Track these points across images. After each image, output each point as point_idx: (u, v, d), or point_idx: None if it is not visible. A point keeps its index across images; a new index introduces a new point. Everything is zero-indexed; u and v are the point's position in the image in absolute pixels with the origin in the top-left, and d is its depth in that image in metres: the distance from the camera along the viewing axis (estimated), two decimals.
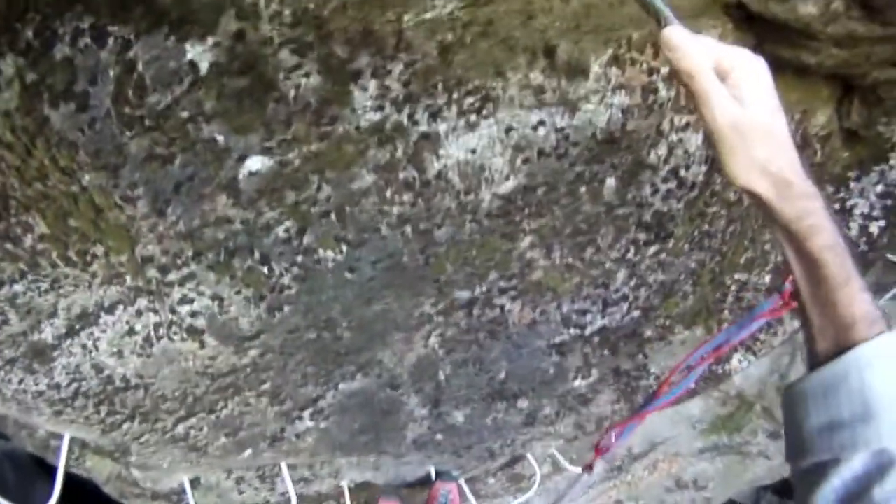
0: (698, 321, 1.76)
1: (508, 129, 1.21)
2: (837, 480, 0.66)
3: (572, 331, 1.58)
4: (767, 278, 1.76)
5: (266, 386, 1.52)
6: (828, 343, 0.70)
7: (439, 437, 1.84)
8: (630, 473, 3.12)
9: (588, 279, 1.46)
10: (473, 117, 1.18)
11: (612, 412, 1.94)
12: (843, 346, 0.68)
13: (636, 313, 1.61)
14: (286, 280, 1.25)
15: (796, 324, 1.90)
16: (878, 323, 0.68)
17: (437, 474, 2.19)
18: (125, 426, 1.62)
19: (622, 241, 1.43)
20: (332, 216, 1.19)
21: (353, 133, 1.12)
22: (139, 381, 1.48)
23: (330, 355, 1.45)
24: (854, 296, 0.68)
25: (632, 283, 1.51)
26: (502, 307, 1.48)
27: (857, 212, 1.73)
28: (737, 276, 1.71)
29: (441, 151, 1.18)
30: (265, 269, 1.24)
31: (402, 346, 1.51)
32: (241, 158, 1.11)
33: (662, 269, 1.52)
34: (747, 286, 1.74)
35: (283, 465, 1.95)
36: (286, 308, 1.30)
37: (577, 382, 1.78)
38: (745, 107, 0.69)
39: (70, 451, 1.68)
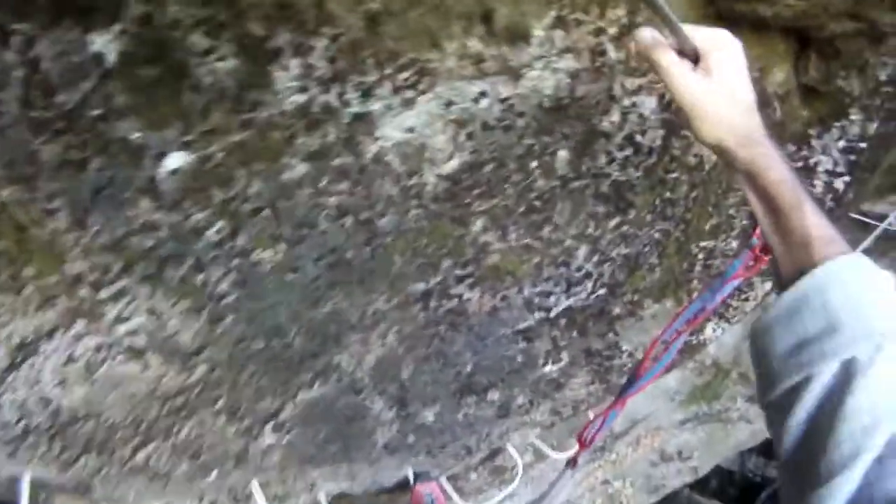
0: (667, 293, 1.69)
1: (448, 104, 1.12)
2: (809, 398, 0.65)
3: (537, 315, 1.49)
4: (734, 244, 1.70)
5: (220, 403, 1.41)
6: (789, 269, 0.73)
7: (411, 438, 1.74)
8: (614, 452, 3.07)
9: (548, 259, 1.38)
10: (409, 93, 1.09)
11: (587, 395, 1.86)
12: (802, 268, 0.71)
13: (602, 291, 1.53)
14: (224, 287, 1.14)
15: (767, 286, 1.85)
16: (835, 242, 0.71)
17: (416, 475, 2.10)
18: (81, 461, 1.50)
19: (580, 216, 1.34)
20: (266, 213, 1.08)
21: (278, 118, 1.01)
22: (87, 411, 1.37)
23: (283, 364, 1.34)
24: (807, 218, 0.73)
25: (594, 260, 1.43)
26: (460, 297, 1.39)
27: (820, 168, 1.68)
28: (703, 244, 1.64)
29: (377, 133, 1.08)
30: (200, 277, 1.13)
31: (359, 347, 1.41)
32: (160, 156, 1.00)
33: (625, 242, 1.44)
34: (714, 253, 1.67)
35: (255, 484, 1.83)
36: (228, 317, 1.19)
37: (548, 368, 1.69)
38: (714, 78, 0.76)
39: (35, 492, 1.56)
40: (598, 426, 1.57)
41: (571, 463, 1.63)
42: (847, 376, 0.63)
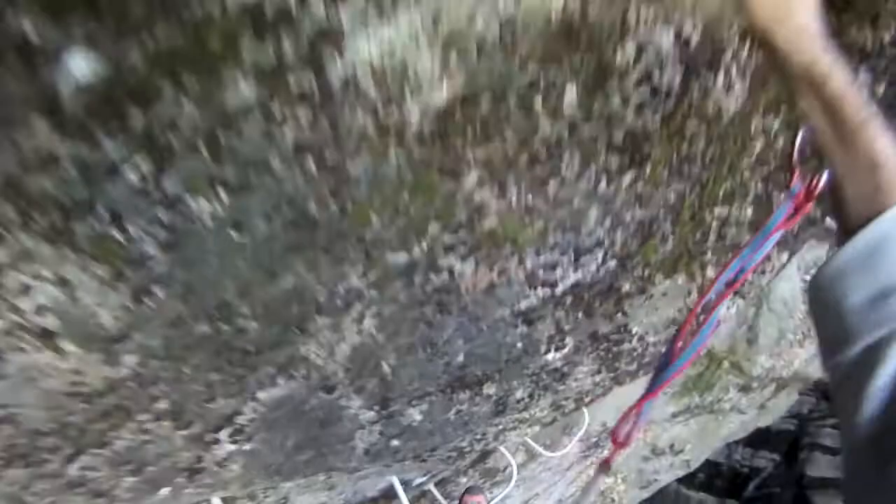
0: (679, 267, 1.43)
1: (436, 18, 0.84)
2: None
3: (540, 291, 1.21)
4: (749, 211, 1.45)
5: (162, 405, 1.09)
6: (856, 195, 0.61)
7: (395, 442, 1.44)
8: (607, 449, 2.79)
9: (554, 222, 1.10)
10: (387, 1, 0.80)
11: (593, 385, 1.59)
12: (873, 204, 0.58)
13: (612, 263, 1.25)
14: (150, 248, 0.84)
15: (784, 258, 1.60)
16: None
17: (402, 483, 1.79)
18: (7, 473, 1.18)
19: (592, 170, 1.07)
20: (201, 146, 0.78)
21: (218, 18, 0.72)
22: (4, 413, 1.05)
23: (236, 356, 1.04)
24: (875, 135, 0.61)
25: (607, 224, 1.15)
26: (451, 270, 1.10)
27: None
28: (717, 211, 1.38)
29: (346, 49, 0.79)
30: (118, 234, 0.82)
31: (330, 334, 1.11)
32: (60, 60, 0.71)
33: (640, 203, 1.17)
34: (729, 221, 1.42)
35: (217, 502, 1.50)
36: (158, 290, 0.89)
37: (551, 356, 1.41)
38: None
39: None
40: (633, 421, 1.30)
41: (605, 465, 1.34)
42: None
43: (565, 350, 1.42)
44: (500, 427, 1.61)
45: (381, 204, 0.94)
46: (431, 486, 1.94)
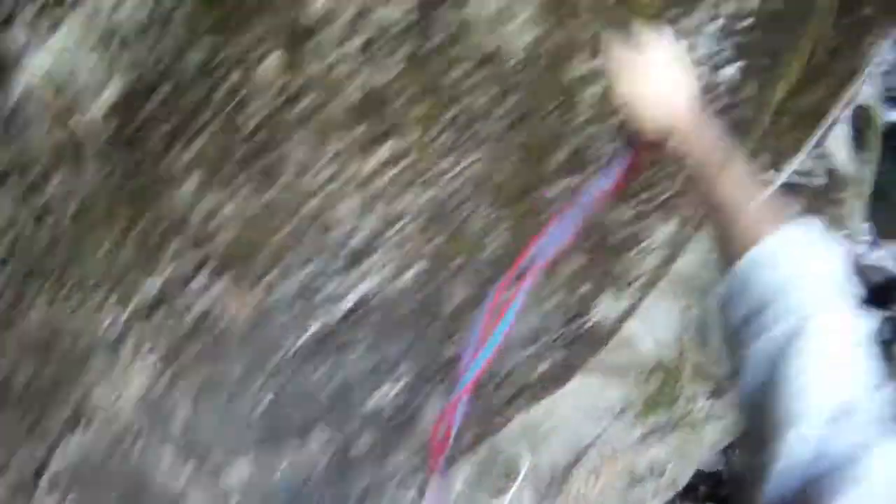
0: None
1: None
2: None
3: (326, 308, 0.95)
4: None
5: None
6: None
7: None
8: (571, 488, 2.40)
9: (306, 221, 0.86)
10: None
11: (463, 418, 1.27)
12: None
13: (420, 265, 0.99)
14: None
15: (672, 227, 1.28)
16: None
17: None
18: None
19: (329, 148, 0.83)
20: None
21: None
22: None
23: (15, 393, 0.81)
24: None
25: (375, 216, 0.90)
26: (206, 290, 0.86)
27: (701, 54, 1.13)
28: (564, 182, 1.10)
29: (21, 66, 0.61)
30: None
31: (116, 375, 0.88)
32: None
33: (421, 184, 0.92)
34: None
35: None
36: None
37: (386, 389, 1.12)
38: (644, 53, 0.77)
39: None
40: (448, 424, 1.00)
41: (430, 471, 1.04)
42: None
43: (403, 381, 1.13)
44: (378, 479, 1.30)
45: (103, 221, 0.73)
46: None
